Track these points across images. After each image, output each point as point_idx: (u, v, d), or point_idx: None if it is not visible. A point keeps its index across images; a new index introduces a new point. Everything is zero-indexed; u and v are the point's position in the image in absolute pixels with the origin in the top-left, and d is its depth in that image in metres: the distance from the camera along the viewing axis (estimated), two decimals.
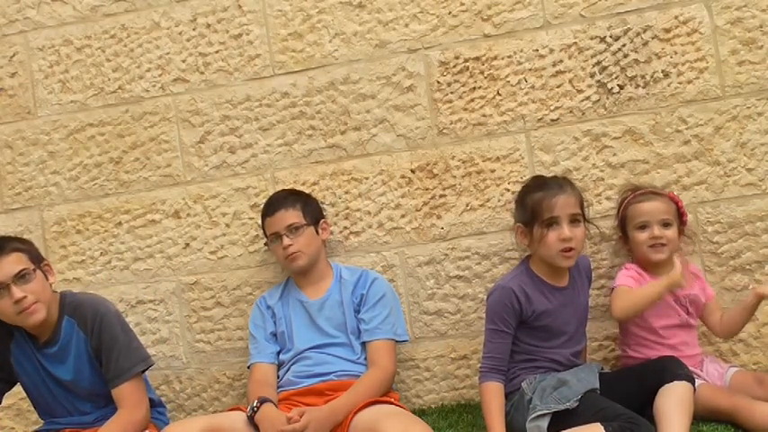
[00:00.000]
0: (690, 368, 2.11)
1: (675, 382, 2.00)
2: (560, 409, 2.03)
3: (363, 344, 2.40)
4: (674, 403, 1.97)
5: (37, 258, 2.23)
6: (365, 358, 2.39)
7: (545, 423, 2.03)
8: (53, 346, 2.24)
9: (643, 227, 2.28)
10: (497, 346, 2.19)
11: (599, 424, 1.93)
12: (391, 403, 2.22)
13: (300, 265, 2.42)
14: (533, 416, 2.05)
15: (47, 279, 2.23)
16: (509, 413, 2.21)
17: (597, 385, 2.10)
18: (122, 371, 2.20)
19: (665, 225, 2.27)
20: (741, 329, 2.32)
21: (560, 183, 2.25)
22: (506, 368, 2.20)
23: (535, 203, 2.20)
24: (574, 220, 2.20)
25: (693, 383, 2.02)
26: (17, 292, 2.11)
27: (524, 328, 2.23)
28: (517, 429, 2.16)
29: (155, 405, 2.38)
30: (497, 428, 2.09)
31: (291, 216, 2.42)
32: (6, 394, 2.35)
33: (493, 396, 2.15)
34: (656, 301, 2.18)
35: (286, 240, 2.40)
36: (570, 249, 2.18)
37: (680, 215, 2.32)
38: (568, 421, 2.00)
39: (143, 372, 2.26)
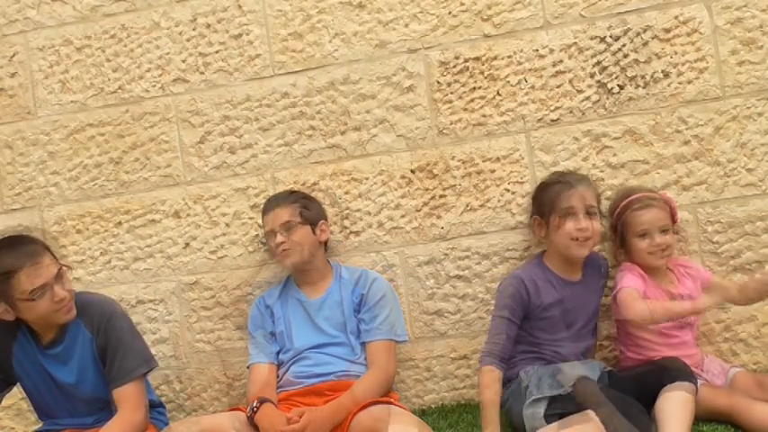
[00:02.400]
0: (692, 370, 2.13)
1: (677, 383, 2.00)
2: (554, 394, 2.04)
3: (363, 344, 2.40)
4: (674, 406, 1.97)
5: (55, 259, 2.22)
6: (365, 358, 2.39)
7: (541, 409, 2.05)
8: (57, 346, 2.22)
9: (643, 235, 2.29)
10: (501, 333, 2.21)
11: (590, 411, 1.95)
12: (391, 403, 2.22)
13: (290, 261, 2.42)
14: (529, 401, 2.07)
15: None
16: (506, 401, 2.23)
17: (592, 375, 2.12)
18: (125, 372, 2.18)
19: (664, 231, 2.29)
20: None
21: (578, 177, 2.35)
22: (508, 356, 2.22)
23: (553, 194, 2.28)
24: (590, 213, 2.25)
25: (696, 386, 2.02)
26: (60, 291, 2.11)
27: (531, 320, 2.25)
28: (515, 416, 2.18)
29: (155, 406, 2.37)
30: (491, 410, 2.11)
31: (286, 214, 2.43)
32: (6, 395, 2.35)
33: (489, 380, 2.16)
34: (674, 319, 2.21)
35: (279, 237, 2.41)
36: (586, 239, 2.22)
37: (672, 215, 2.34)
38: (565, 407, 2.02)
39: (145, 374, 2.25)
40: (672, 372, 2.03)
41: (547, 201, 2.30)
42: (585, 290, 2.33)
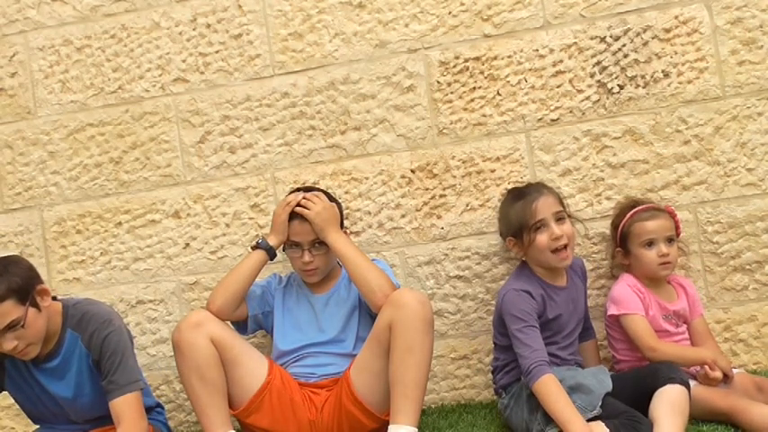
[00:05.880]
0: (686, 371, 2.13)
1: (669, 385, 2.00)
2: (588, 417, 2.00)
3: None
4: (667, 406, 1.96)
5: (26, 293, 2.04)
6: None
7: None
8: (53, 360, 2.16)
9: (650, 244, 2.27)
10: (536, 340, 2.13)
11: (601, 422, 1.96)
12: None
13: (315, 280, 2.41)
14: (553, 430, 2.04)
15: (39, 309, 2.07)
16: (507, 407, 2.22)
17: (611, 387, 2.10)
18: (127, 382, 2.11)
19: (670, 241, 2.28)
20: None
21: (536, 187, 2.31)
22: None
23: (518, 213, 2.25)
24: (559, 219, 2.23)
25: (689, 387, 2.02)
26: (7, 343, 2.03)
27: None
28: (515, 422, 2.18)
29: (153, 407, 2.36)
30: (575, 416, 1.98)
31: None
32: (5, 393, 2.34)
33: (557, 386, 2.04)
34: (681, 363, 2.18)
35: (307, 256, 2.35)
36: (564, 247, 2.21)
37: (675, 227, 2.33)
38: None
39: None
40: (664, 374, 2.03)
41: (514, 221, 2.26)
42: (572, 294, 2.32)
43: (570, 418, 1.97)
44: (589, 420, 1.98)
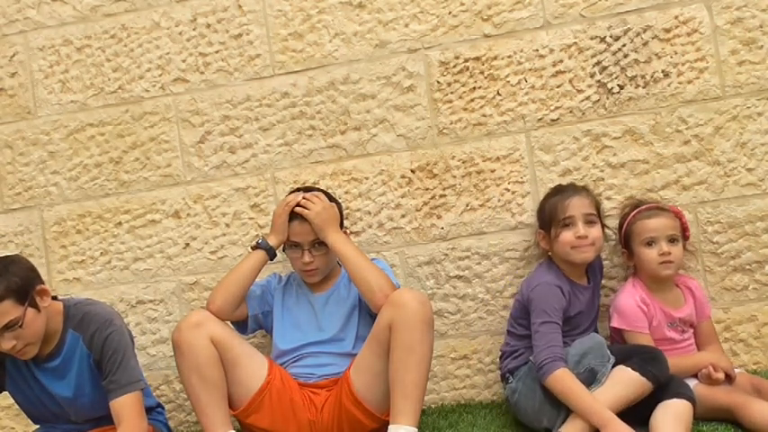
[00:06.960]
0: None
1: (676, 399, 2.00)
2: (612, 365, 2.07)
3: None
4: (672, 418, 1.97)
5: (25, 293, 2.04)
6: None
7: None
8: (54, 360, 2.16)
9: (650, 243, 2.26)
10: (555, 337, 2.16)
11: (622, 366, 2.04)
12: None
13: (315, 280, 2.41)
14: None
15: (38, 309, 2.07)
16: (516, 390, 2.24)
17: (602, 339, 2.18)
18: (128, 381, 2.11)
19: (672, 241, 2.27)
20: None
21: (575, 187, 2.36)
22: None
23: (551, 207, 2.31)
24: (589, 221, 2.26)
25: (694, 404, 2.02)
26: (5, 343, 2.02)
27: None
28: (524, 405, 2.20)
29: (153, 407, 2.36)
30: (595, 403, 2.02)
31: (312, 235, 2.35)
32: (5, 394, 2.34)
33: (572, 379, 2.07)
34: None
35: (307, 256, 2.35)
36: (588, 246, 2.24)
37: (683, 230, 2.32)
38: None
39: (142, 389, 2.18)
40: (671, 388, 2.03)
41: (547, 214, 2.33)
42: (592, 295, 2.35)
43: (592, 409, 2.01)
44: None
